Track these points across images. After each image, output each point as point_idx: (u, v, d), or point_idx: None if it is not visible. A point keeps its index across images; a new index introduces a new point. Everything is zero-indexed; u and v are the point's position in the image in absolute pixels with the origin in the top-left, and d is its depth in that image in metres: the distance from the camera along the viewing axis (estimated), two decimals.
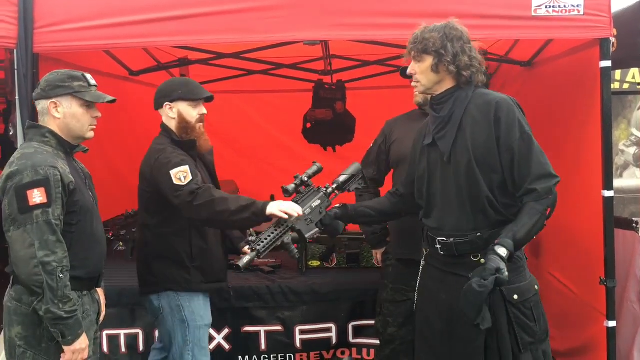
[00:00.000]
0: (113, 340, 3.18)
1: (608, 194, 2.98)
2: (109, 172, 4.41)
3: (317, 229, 2.50)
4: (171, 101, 2.72)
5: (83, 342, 2.18)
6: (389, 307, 2.95)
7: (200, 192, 2.48)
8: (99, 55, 3.99)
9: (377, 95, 5.52)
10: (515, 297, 2.17)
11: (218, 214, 2.45)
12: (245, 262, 2.33)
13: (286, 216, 2.40)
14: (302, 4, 3.02)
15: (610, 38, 2.97)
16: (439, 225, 2.30)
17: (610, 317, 2.99)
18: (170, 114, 2.73)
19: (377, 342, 3.19)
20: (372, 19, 3.03)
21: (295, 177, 2.58)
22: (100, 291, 2.53)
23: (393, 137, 3.05)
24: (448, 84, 2.26)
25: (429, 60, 2.23)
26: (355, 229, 3.53)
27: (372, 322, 3.21)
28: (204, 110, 2.77)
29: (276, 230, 2.39)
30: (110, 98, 2.48)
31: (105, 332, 3.17)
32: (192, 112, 2.73)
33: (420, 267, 2.42)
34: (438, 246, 2.28)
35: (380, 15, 3.02)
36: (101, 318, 2.52)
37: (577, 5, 2.94)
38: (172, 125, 2.75)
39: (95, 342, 2.44)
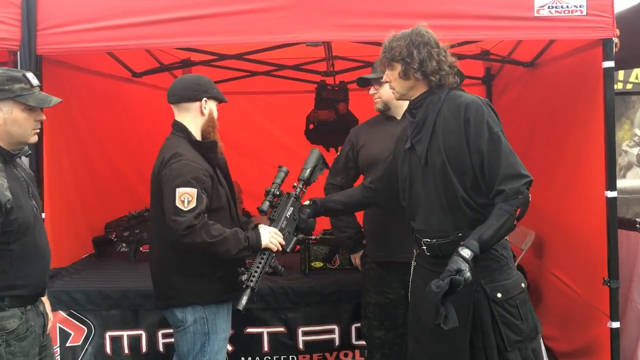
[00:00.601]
0: (116, 341, 3.18)
1: (611, 194, 2.97)
2: (111, 173, 4.42)
3: (295, 239, 2.67)
4: (209, 97, 2.62)
5: None
6: (373, 311, 2.93)
7: (196, 229, 2.38)
8: (102, 57, 4.00)
9: None
10: (499, 295, 2.19)
11: (216, 254, 2.46)
12: (244, 303, 2.43)
13: (276, 248, 2.54)
14: (304, 5, 3.02)
15: (613, 38, 2.97)
16: (423, 226, 2.34)
17: (613, 318, 2.98)
18: (204, 109, 2.61)
19: None
20: (374, 19, 3.03)
21: (266, 193, 2.67)
22: (45, 300, 2.41)
23: (360, 143, 3.04)
24: (421, 88, 2.30)
25: (398, 67, 2.28)
26: None
27: None
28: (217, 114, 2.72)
29: (262, 260, 2.52)
30: (56, 100, 2.29)
31: (108, 334, 3.17)
32: (216, 113, 2.69)
33: (412, 268, 2.45)
34: (424, 247, 2.32)
35: (382, 16, 3.02)
36: (49, 327, 2.41)
37: (580, 6, 2.94)
38: (198, 123, 2.62)
39: (45, 358, 2.35)
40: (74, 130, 3.76)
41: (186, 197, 2.41)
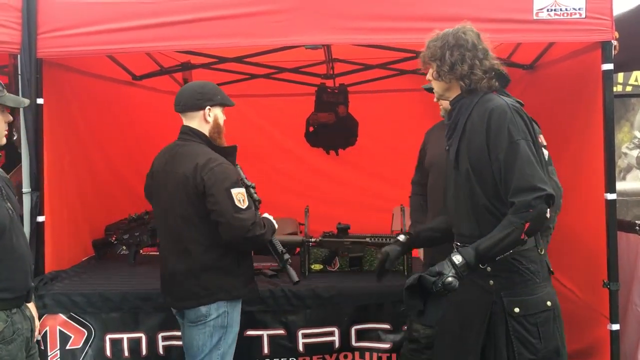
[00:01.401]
0: (116, 344, 3.18)
1: (611, 196, 2.97)
2: (112, 176, 4.42)
3: None
4: (212, 105, 2.72)
5: None
6: None
7: (257, 223, 2.60)
8: (102, 60, 4.00)
9: (380, 98, 5.53)
10: (517, 310, 2.13)
11: (261, 242, 2.68)
12: (295, 276, 2.87)
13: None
14: (303, 8, 3.03)
15: (612, 41, 2.97)
16: (456, 230, 2.33)
17: (613, 320, 2.98)
18: (209, 117, 2.72)
19: (380, 345, 3.20)
20: (373, 22, 3.04)
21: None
22: (31, 306, 2.43)
23: (427, 144, 3.16)
24: (456, 90, 2.28)
25: (433, 68, 2.28)
26: (357, 233, 3.54)
27: (375, 325, 3.21)
28: (224, 117, 2.82)
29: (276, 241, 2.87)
30: (27, 101, 2.39)
31: (108, 336, 3.17)
32: (222, 118, 2.79)
33: None
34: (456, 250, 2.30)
35: (381, 19, 3.03)
36: (35, 333, 2.42)
37: (579, 9, 2.94)
38: (204, 129, 2.73)
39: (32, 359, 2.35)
40: (74, 133, 3.77)
41: (241, 197, 2.59)
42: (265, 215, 2.81)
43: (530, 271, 2.16)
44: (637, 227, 3.48)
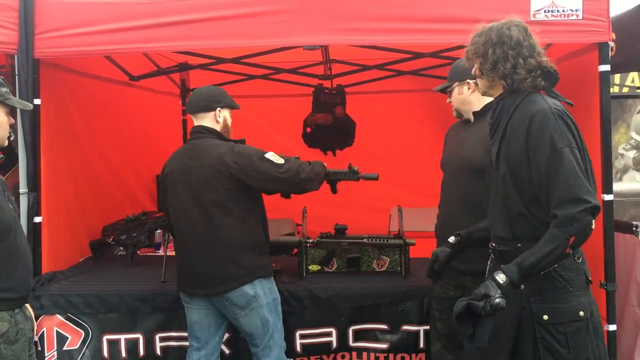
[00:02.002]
0: (113, 345, 3.17)
1: (608, 197, 2.98)
2: (109, 176, 4.41)
3: None
4: (222, 107, 2.92)
5: None
6: (437, 302, 3.00)
7: (303, 166, 2.91)
8: (99, 61, 4.00)
9: (377, 99, 5.54)
10: (545, 317, 2.06)
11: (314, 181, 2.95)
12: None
13: None
14: (301, 9, 3.03)
15: (609, 42, 2.98)
16: (492, 230, 2.28)
17: (610, 321, 2.98)
18: (219, 118, 2.91)
19: (378, 345, 3.20)
20: (371, 23, 3.04)
21: None
22: (28, 306, 2.44)
23: (445, 145, 3.12)
24: (499, 89, 2.20)
25: (477, 64, 2.21)
26: (355, 234, 3.54)
27: (372, 326, 3.21)
28: (231, 119, 3.01)
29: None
30: (32, 105, 2.56)
31: (105, 337, 3.16)
32: (230, 120, 2.98)
33: (487, 270, 2.37)
34: (490, 250, 2.29)
35: (379, 20, 3.03)
36: (34, 334, 2.46)
37: (576, 10, 2.95)
38: (216, 128, 2.92)
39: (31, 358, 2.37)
40: (72, 134, 3.76)
41: (274, 156, 2.85)
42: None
43: (564, 279, 2.08)
44: (634, 228, 3.49)
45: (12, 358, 2.19)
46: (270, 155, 2.84)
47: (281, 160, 2.84)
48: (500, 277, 1.98)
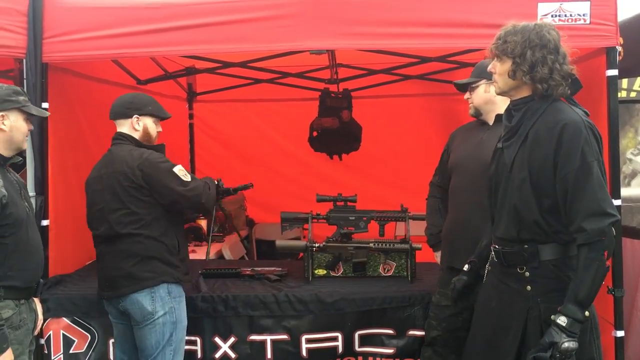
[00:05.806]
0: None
1: (616, 202, 2.96)
2: None
3: None
4: (140, 115, 2.89)
5: (7, 357, 2.23)
6: (434, 310, 2.99)
7: (207, 185, 2.87)
8: (107, 65, 4.02)
9: (384, 103, 5.54)
10: (553, 317, 2.05)
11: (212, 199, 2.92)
12: None
13: None
14: (308, 13, 3.03)
15: (617, 47, 2.97)
16: (495, 232, 2.27)
17: (618, 327, 2.96)
18: (137, 125, 2.89)
19: (384, 350, 3.19)
20: (378, 28, 3.04)
21: None
22: (37, 301, 2.60)
23: (453, 146, 3.06)
24: (525, 91, 2.13)
25: (508, 64, 2.11)
26: (361, 238, 3.53)
27: (378, 330, 3.20)
28: (160, 129, 2.97)
29: None
30: (47, 113, 2.84)
31: (111, 340, 3.15)
32: (155, 128, 2.94)
33: (485, 272, 2.38)
34: (493, 253, 2.28)
35: (386, 24, 3.03)
36: (37, 328, 2.59)
37: (584, 14, 2.94)
38: (134, 136, 2.90)
39: (30, 354, 2.50)
40: (79, 137, 3.77)
41: (182, 171, 2.80)
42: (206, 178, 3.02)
43: (570, 279, 2.07)
44: None
45: (16, 342, 2.35)
46: (178, 170, 2.78)
47: (188, 178, 2.79)
48: (562, 320, 1.97)
